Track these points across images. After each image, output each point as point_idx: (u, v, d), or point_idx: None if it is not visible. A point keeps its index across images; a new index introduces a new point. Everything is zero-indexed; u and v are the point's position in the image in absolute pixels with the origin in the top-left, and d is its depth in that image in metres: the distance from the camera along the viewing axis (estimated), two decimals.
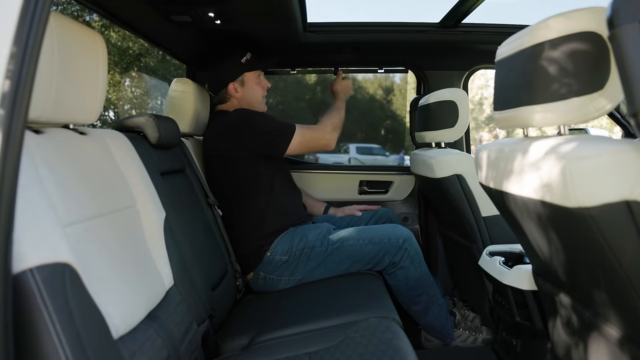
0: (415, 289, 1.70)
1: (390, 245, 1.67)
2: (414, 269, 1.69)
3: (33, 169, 0.69)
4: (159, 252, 1.04)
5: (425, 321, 1.77)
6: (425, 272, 1.72)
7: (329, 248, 1.67)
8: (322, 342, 1.18)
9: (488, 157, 1.10)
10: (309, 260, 1.67)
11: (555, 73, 0.82)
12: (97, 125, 4.02)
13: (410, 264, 1.68)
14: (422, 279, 1.71)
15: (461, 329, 1.84)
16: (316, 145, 1.75)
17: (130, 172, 1.04)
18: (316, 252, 1.67)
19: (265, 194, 1.73)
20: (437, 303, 1.75)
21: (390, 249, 1.67)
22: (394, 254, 1.67)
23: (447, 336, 1.79)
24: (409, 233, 1.72)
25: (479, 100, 21.78)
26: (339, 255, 1.67)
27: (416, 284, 1.70)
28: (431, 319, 1.75)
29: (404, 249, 1.67)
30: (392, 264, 1.68)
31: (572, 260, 0.91)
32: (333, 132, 1.76)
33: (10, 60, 0.50)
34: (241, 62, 1.79)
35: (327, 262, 1.67)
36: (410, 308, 1.75)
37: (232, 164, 1.70)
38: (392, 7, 30.77)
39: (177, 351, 0.93)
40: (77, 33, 0.83)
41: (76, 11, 7.53)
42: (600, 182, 0.70)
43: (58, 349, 0.57)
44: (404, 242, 1.68)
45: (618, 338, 0.84)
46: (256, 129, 1.67)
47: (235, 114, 1.72)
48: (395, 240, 1.68)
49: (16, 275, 0.56)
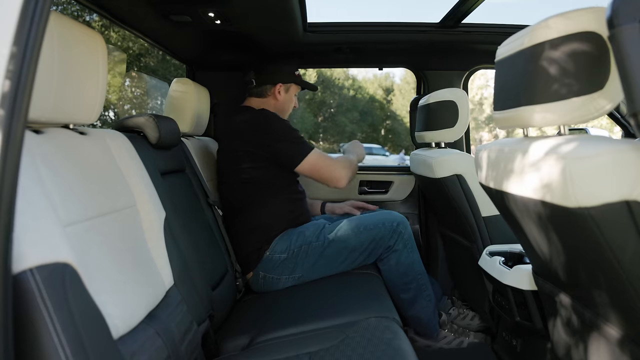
0: (406, 275, 1.70)
1: (384, 229, 1.68)
2: (406, 253, 1.70)
3: (33, 169, 0.70)
4: (159, 252, 1.04)
5: (412, 312, 1.76)
6: (417, 259, 1.73)
7: (325, 241, 1.68)
8: (322, 342, 1.18)
9: (488, 157, 1.10)
10: (307, 256, 1.67)
11: (555, 73, 0.82)
12: (97, 125, 4.02)
13: (403, 247, 1.69)
14: (414, 265, 1.72)
15: (446, 330, 1.83)
16: (327, 175, 1.72)
17: (130, 172, 1.04)
18: (313, 247, 1.68)
19: (273, 197, 1.74)
20: (426, 293, 1.75)
21: (385, 232, 1.68)
22: (388, 237, 1.68)
23: (433, 331, 1.79)
24: (402, 217, 1.74)
25: (479, 100, 21.80)
26: (336, 247, 1.67)
27: (407, 269, 1.70)
28: (419, 309, 1.74)
29: (398, 232, 1.69)
30: (387, 248, 1.69)
31: (572, 260, 0.91)
32: (347, 171, 1.76)
33: (10, 60, 0.50)
34: (295, 74, 1.89)
35: (325, 256, 1.67)
36: (399, 296, 1.74)
37: (248, 162, 1.70)
38: (392, 7, 30.72)
39: (177, 351, 0.93)
40: (77, 33, 0.83)
41: (76, 11, 7.53)
42: (600, 182, 0.70)
43: (58, 349, 0.57)
44: (397, 225, 1.69)
45: (618, 338, 0.84)
46: (277, 133, 1.69)
47: (262, 113, 1.73)
48: (390, 224, 1.69)
49: (16, 275, 0.56)
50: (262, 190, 1.73)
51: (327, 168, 1.71)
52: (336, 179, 1.72)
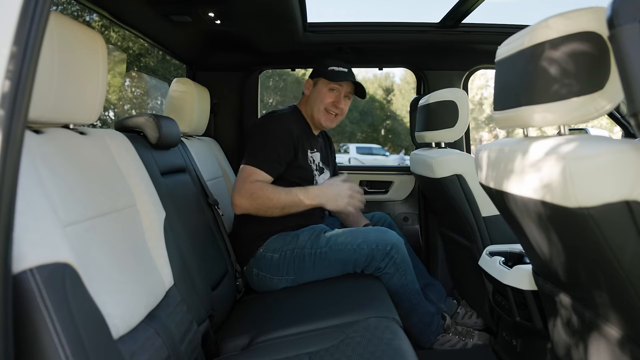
0: (397, 295, 1.69)
1: (377, 251, 1.65)
2: (398, 276, 1.67)
3: (33, 169, 0.70)
4: (159, 252, 1.04)
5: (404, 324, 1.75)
6: (410, 281, 1.70)
7: (317, 251, 1.67)
8: (322, 342, 1.18)
9: (488, 157, 1.10)
10: (300, 261, 1.67)
11: (555, 73, 0.82)
12: (97, 125, 4.02)
13: (394, 271, 1.67)
14: (406, 287, 1.70)
15: (450, 334, 1.83)
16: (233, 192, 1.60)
17: (130, 172, 1.04)
18: (306, 254, 1.67)
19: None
20: (419, 312, 1.74)
21: (377, 254, 1.65)
22: (380, 260, 1.65)
23: (424, 342, 1.78)
24: (397, 239, 1.69)
25: (479, 100, 21.79)
26: (328, 259, 1.67)
27: (399, 290, 1.69)
28: (410, 325, 1.74)
29: (390, 256, 1.66)
30: (377, 269, 1.67)
31: (572, 260, 0.91)
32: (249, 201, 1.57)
33: (10, 60, 0.50)
34: (327, 69, 1.83)
35: (318, 265, 1.67)
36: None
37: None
38: (392, 7, 30.75)
39: (177, 351, 0.93)
40: (77, 33, 0.83)
41: (76, 11, 7.54)
42: (600, 182, 0.70)
43: (58, 349, 0.57)
44: (390, 249, 1.66)
45: (618, 338, 0.84)
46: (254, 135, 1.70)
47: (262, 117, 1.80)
48: (383, 247, 1.66)
49: (16, 275, 0.56)
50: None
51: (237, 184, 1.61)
52: (233, 199, 1.59)
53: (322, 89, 1.84)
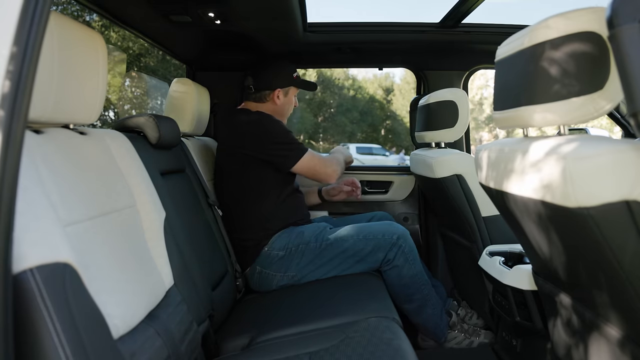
0: (409, 287, 1.69)
1: (384, 241, 1.67)
2: (408, 267, 1.68)
3: (33, 169, 0.69)
4: (159, 252, 1.04)
5: (418, 320, 1.76)
6: (419, 271, 1.72)
7: (322, 244, 1.68)
8: (322, 342, 1.18)
9: (488, 157, 1.10)
10: (303, 256, 1.67)
11: (555, 73, 0.82)
12: (97, 125, 4.02)
13: (404, 261, 1.68)
14: (416, 277, 1.70)
15: (456, 331, 1.83)
16: (320, 173, 1.81)
17: (130, 172, 1.04)
18: (311, 248, 1.68)
19: (271, 199, 1.75)
20: (431, 303, 1.75)
21: (384, 244, 1.66)
22: (387, 250, 1.66)
23: (440, 336, 1.78)
24: (403, 230, 1.72)
25: (479, 100, 21.79)
26: (333, 251, 1.67)
27: (410, 282, 1.69)
28: (425, 318, 1.74)
29: (397, 245, 1.67)
30: (386, 261, 1.67)
31: (572, 260, 0.91)
32: (337, 167, 1.86)
33: (10, 61, 0.50)
34: (293, 76, 1.91)
35: (321, 258, 1.67)
36: (403, 306, 1.74)
37: (246, 164, 1.72)
38: (392, 7, 30.75)
39: (177, 351, 0.93)
40: (77, 33, 0.83)
41: (76, 11, 7.54)
42: (600, 182, 0.70)
43: (58, 349, 0.57)
44: (398, 239, 1.67)
45: (618, 338, 0.84)
46: (272, 135, 1.71)
47: (258, 116, 1.77)
48: (390, 237, 1.67)
49: (16, 275, 0.56)
50: (259, 189, 1.74)
51: (320, 167, 1.79)
52: (328, 175, 1.81)
53: (291, 98, 1.94)
